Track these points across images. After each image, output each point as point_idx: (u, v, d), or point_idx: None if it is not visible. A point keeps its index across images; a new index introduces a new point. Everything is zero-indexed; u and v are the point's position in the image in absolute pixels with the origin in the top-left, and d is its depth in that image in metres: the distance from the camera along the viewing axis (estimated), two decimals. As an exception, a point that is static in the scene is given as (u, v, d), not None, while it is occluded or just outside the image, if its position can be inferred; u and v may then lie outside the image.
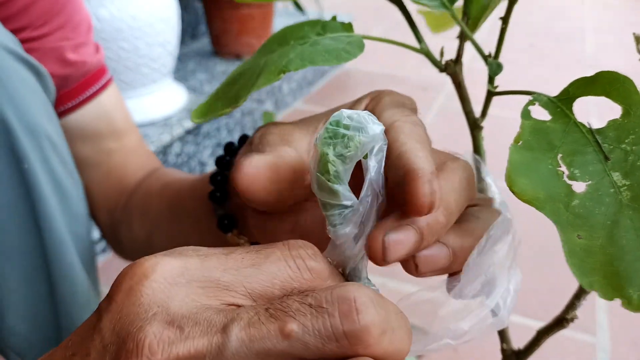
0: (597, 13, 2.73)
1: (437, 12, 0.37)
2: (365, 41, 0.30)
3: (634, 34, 0.27)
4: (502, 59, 0.30)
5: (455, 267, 0.25)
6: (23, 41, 0.44)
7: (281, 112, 1.63)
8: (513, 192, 0.23)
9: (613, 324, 0.86)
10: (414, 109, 0.29)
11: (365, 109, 0.29)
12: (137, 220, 0.48)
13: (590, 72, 0.26)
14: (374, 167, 0.21)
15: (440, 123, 1.57)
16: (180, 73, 1.44)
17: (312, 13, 1.91)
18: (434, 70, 0.31)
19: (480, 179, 0.30)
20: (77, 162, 0.51)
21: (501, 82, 0.30)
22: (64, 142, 0.46)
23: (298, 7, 1.72)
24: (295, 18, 1.94)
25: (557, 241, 0.22)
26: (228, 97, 0.29)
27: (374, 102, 0.29)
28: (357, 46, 0.29)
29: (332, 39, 0.29)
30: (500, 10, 0.31)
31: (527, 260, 1.00)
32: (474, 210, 0.27)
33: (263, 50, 0.31)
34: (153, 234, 0.47)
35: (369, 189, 0.21)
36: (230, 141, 0.38)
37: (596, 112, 0.94)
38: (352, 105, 0.30)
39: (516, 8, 0.30)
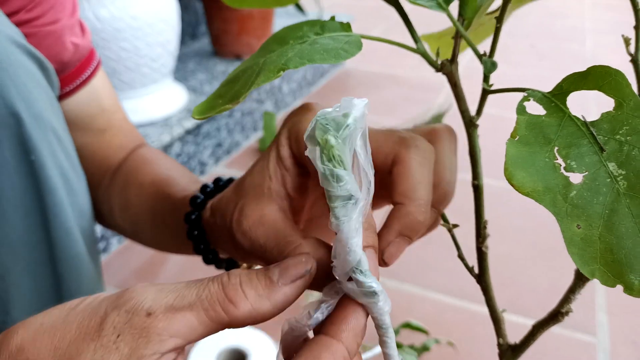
0: (597, 13, 2.74)
1: (437, 38, 0.37)
2: (365, 41, 0.30)
3: (623, 36, 0.28)
4: (503, 59, 0.30)
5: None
6: (19, 24, 0.43)
7: (281, 112, 1.63)
8: (512, 185, 0.24)
9: (613, 324, 0.86)
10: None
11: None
12: (117, 213, 0.49)
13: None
14: (361, 154, 0.21)
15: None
16: (180, 73, 1.44)
17: (312, 13, 1.91)
18: (434, 70, 0.32)
19: None
20: None
21: (502, 82, 0.31)
22: (68, 135, 0.46)
23: (298, 7, 1.72)
24: (295, 18, 1.94)
25: (553, 239, 0.22)
26: (229, 94, 0.30)
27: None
28: (355, 45, 0.29)
29: (331, 38, 0.30)
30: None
31: (524, 259, 1.00)
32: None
33: (263, 49, 0.32)
34: (138, 232, 0.47)
35: (363, 177, 0.22)
36: (215, 180, 0.40)
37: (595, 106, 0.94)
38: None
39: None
